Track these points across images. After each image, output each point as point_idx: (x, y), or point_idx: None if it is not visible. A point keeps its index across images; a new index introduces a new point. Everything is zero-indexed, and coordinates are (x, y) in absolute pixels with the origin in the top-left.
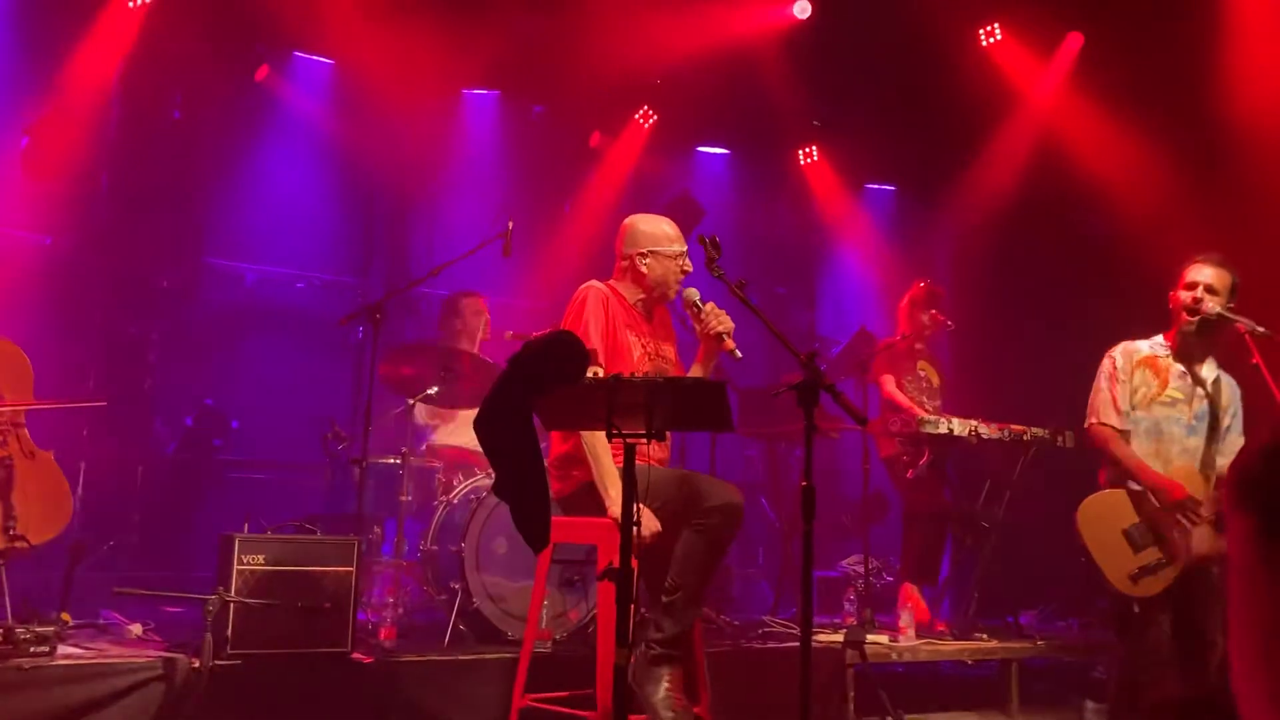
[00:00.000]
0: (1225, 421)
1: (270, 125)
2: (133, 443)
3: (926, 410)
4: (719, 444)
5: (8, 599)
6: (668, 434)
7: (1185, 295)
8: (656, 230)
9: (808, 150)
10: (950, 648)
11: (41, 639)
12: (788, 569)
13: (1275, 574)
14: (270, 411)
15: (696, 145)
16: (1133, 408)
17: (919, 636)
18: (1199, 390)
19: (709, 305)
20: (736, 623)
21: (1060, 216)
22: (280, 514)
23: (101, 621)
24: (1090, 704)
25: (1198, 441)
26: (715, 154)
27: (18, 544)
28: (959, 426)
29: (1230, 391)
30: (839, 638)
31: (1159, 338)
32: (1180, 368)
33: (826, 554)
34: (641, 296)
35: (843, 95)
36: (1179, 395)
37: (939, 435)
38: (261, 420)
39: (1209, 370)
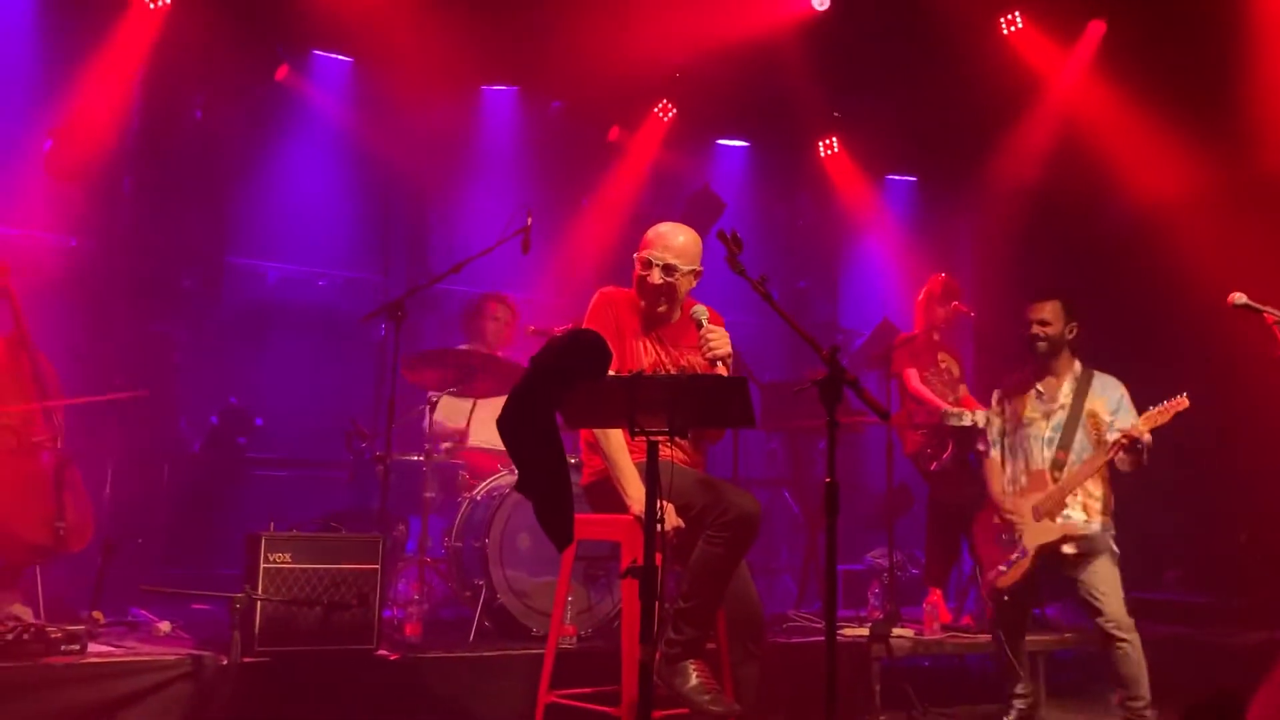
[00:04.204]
0: (1083, 421)
1: (291, 124)
2: (159, 442)
3: (949, 402)
4: (741, 438)
5: (41, 598)
6: (700, 440)
7: (1025, 332)
8: (651, 235)
9: (828, 142)
10: (975, 641)
11: (73, 637)
12: (811, 563)
13: None
14: (294, 409)
15: (716, 138)
16: (1002, 435)
17: (944, 630)
18: (1055, 405)
19: (706, 327)
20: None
21: (1083, 206)
22: (305, 512)
23: (130, 619)
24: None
25: (1054, 450)
26: (735, 147)
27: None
28: (982, 418)
29: (1099, 389)
30: (864, 632)
31: (1027, 370)
32: (1038, 390)
33: (851, 547)
34: (657, 305)
35: (863, 86)
36: (1035, 415)
37: (963, 427)
38: (285, 418)
39: (1069, 383)
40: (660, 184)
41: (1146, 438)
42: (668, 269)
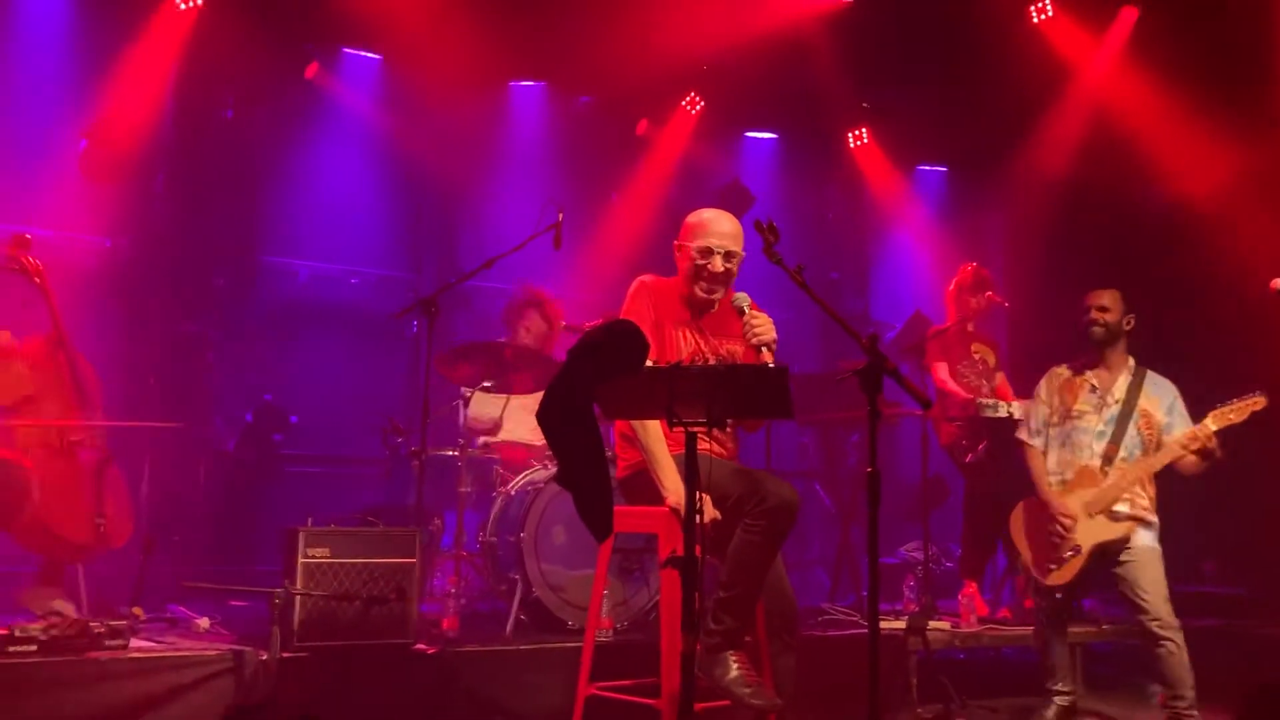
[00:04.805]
0: (1135, 419)
1: (321, 122)
2: (195, 440)
3: (984, 393)
4: (774, 431)
5: (84, 594)
6: (735, 427)
7: (1083, 318)
8: (694, 224)
9: (858, 133)
10: (1012, 633)
11: (115, 633)
12: (845, 556)
13: None
14: (328, 406)
15: (745, 131)
16: (1048, 425)
17: (981, 623)
18: (1108, 398)
19: (750, 314)
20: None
21: (1117, 195)
22: (341, 507)
23: (170, 615)
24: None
25: (1105, 444)
26: (764, 139)
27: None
28: (1018, 410)
29: (1153, 390)
30: (901, 624)
31: (1079, 360)
32: (1091, 382)
33: (885, 540)
34: (699, 293)
35: (892, 76)
36: (1086, 408)
37: (998, 418)
38: (320, 415)
39: (1123, 378)
40: (689, 177)
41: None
42: (729, 255)
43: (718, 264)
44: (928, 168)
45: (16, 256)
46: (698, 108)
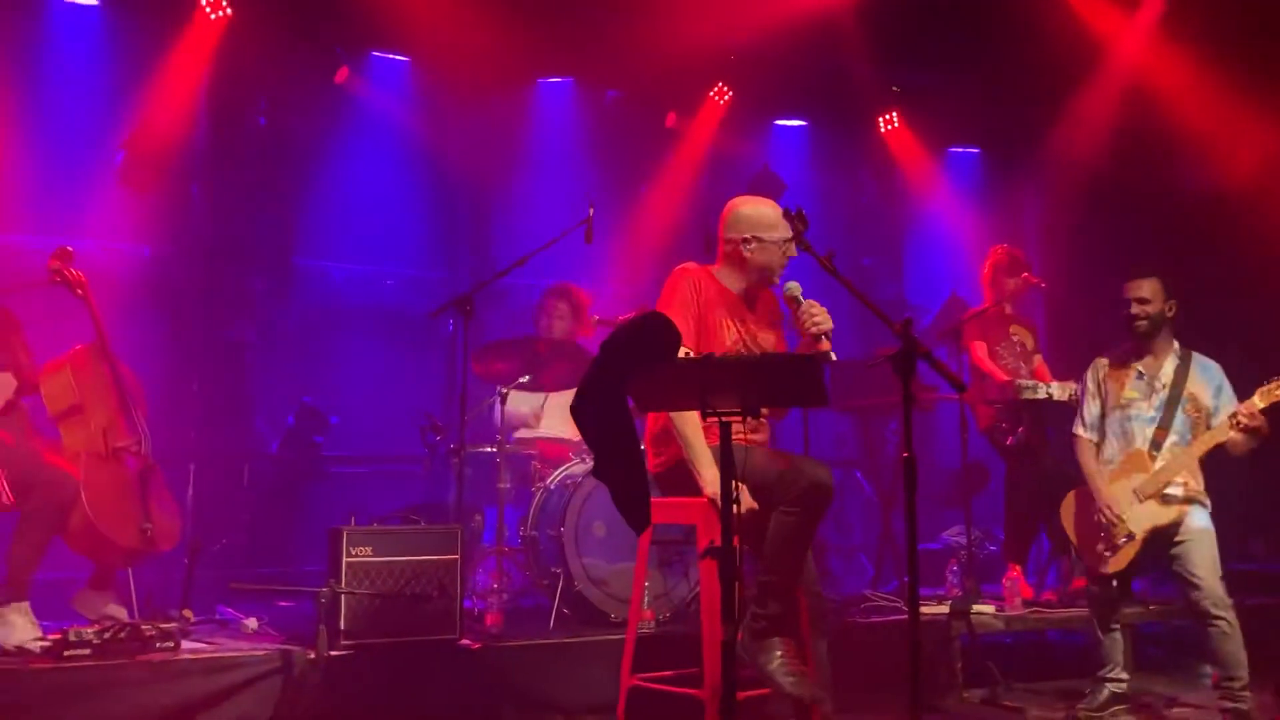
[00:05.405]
0: (1183, 402)
1: (352, 125)
2: (237, 443)
3: (1022, 375)
4: (811, 421)
5: (135, 597)
6: (765, 417)
7: (1124, 311)
8: (761, 215)
9: (888, 117)
10: (1058, 615)
11: (167, 635)
12: (887, 542)
13: None
14: (367, 406)
15: (774, 119)
16: (1102, 416)
17: (1026, 606)
18: (1156, 384)
19: (806, 303)
20: (838, 598)
21: (1154, 172)
22: (383, 506)
23: (219, 617)
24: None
25: (1154, 429)
26: (793, 126)
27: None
28: (1058, 390)
29: (1200, 373)
30: (944, 609)
31: (1124, 347)
32: (1137, 369)
33: (926, 526)
34: (743, 283)
35: (922, 58)
36: (1135, 395)
37: (1037, 400)
38: (360, 415)
39: (1170, 362)
40: (719, 167)
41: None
42: (788, 243)
43: (780, 254)
44: (960, 150)
45: (59, 269)
46: (726, 98)
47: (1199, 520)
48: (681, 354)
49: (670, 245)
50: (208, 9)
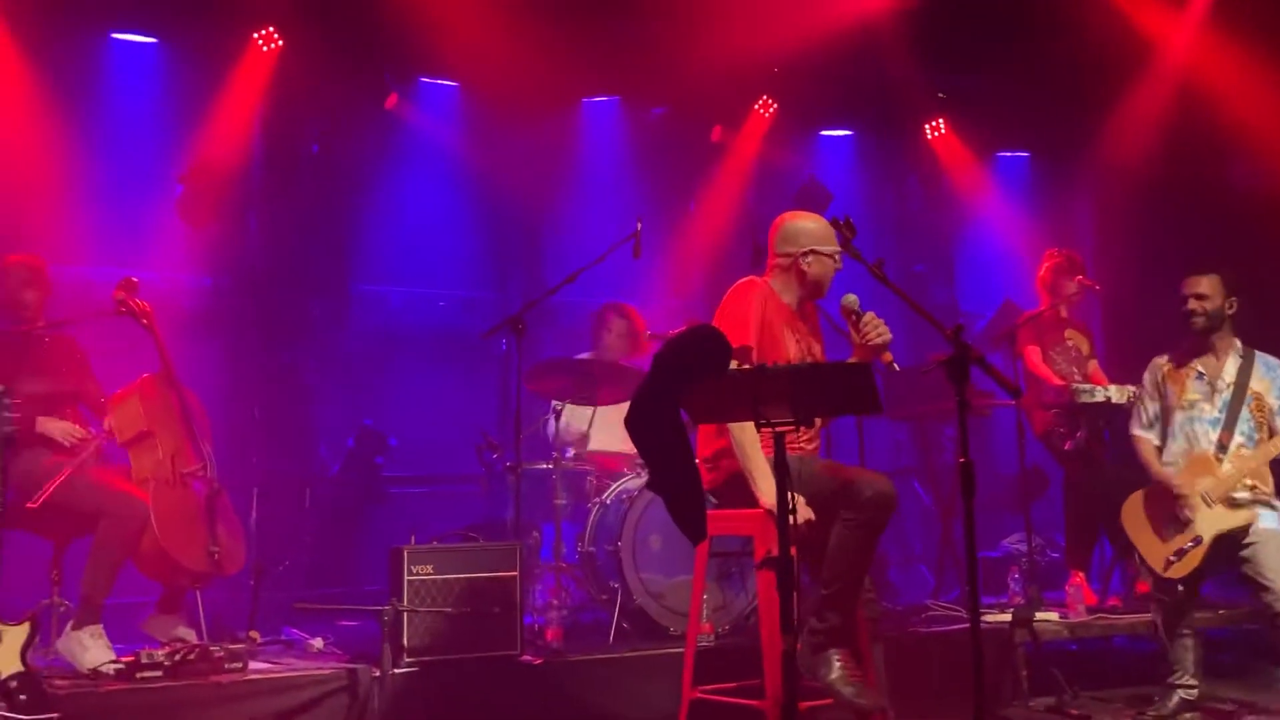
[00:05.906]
0: (1248, 401)
1: (403, 150)
2: (299, 466)
3: (1077, 379)
4: (867, 429)
5: (203, 620)
6: (816, 424)
7: (1182, 308)
8: (816, 229)
9: (934, 124)
10: (1124, 621)
11: (234, 656)
12: (947, 551)
13: None
14: (425, 427)
15: (819, 130)
16: (1158, 418)
17: (1090, 613)
18: (1218, 384)
19: (868, 315)
20: (899, 608)
21: (1208, 169)
22: (443, 525)
23: (285, 638)
24: None
25: (1219, 431)
26: (839, 136)
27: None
28: (1116, 394)
29: (1265, 371)
30: (1006, 617)
31: (1184, 346)
32: (1197, 370)
33: (986, 534)
34: (798, 295)
35: (966, 63)
36: (1197, 396)
37: (1095, 404)
38: (418, 436)
39: (1232, 361)
40: (765, 180)
41: None
42: (839, 255)
43: (830, 269)
44: (1009, 154)
45: (125, 300)
46: (771, 110)
47: (1269, 522)
48: (732, 366)
49: (718, 258)
50: (260, 41)
